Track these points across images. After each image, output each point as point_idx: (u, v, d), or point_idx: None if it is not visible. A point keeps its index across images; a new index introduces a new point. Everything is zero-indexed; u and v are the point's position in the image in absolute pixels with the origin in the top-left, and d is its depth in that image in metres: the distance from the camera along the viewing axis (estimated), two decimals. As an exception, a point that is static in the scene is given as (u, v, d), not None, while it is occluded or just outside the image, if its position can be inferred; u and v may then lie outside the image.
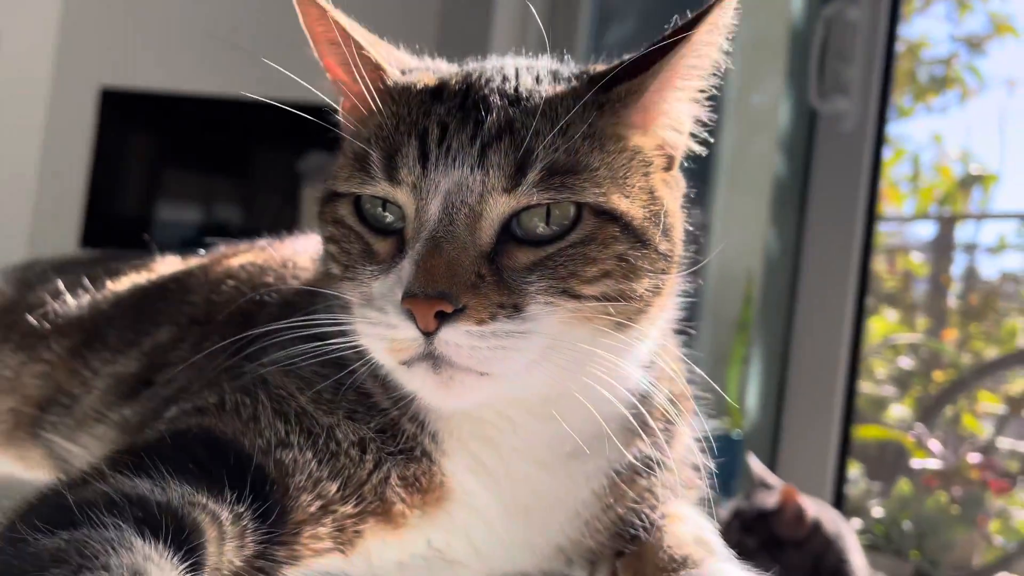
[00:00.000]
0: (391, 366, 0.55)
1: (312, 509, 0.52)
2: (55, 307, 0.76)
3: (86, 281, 0.77)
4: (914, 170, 4.05)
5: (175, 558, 0.42)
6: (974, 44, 4.12)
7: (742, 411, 2.44)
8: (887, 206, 4.06)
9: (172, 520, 0.45)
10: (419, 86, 0.60)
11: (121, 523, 0.43)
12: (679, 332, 0.63)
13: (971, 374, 3.36)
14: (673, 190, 0.61)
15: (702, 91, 0.61)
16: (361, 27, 0.65)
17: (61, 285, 0.76)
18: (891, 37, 2.28)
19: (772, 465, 2.34)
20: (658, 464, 0.61)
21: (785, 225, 2.50)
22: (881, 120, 2.29)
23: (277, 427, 0.53)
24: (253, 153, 4.16)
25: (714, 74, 0.60)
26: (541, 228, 0.55)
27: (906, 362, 3.65)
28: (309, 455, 0.53)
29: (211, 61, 3.82)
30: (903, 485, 3.07)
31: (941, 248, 4.09)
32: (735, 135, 2.49)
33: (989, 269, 4.14)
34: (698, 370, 0.60)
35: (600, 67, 0.61)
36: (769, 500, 1.40)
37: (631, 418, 0.59)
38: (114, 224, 4.00)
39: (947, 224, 4.08)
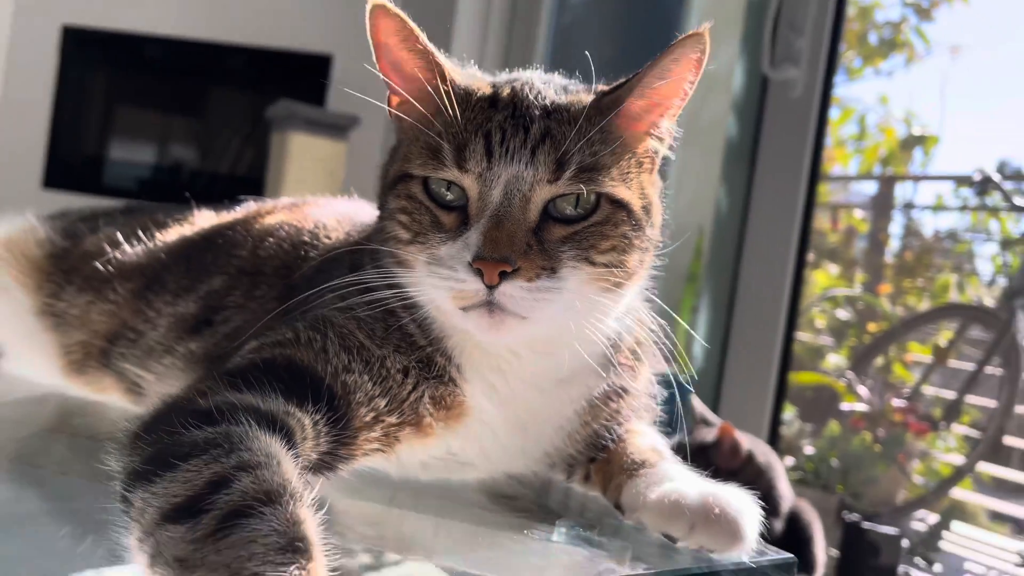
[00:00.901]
0: (450, 311, 0.67)
1: (367, 419, 0.66)
2: (117, 254, 0.87)
3: (139, 232, 0.89)
4: (860, 129, 4.23)
5: (283, 447, 0.56)
6: (923, 10, 4.28)
7: (690, 357, 2.60)
8: (834, 165, 4.24)
9: (275, 423, 0.58)
10: (478, 94, 0.73)
11: (245, 421, 0.56)
12: (646, 299, 0.77)
13: (902, 326, 3.57)
14: (655, 187, 0.75)
15: (676, 112, 0.75)
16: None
17: (119, 235, 0.88)
18: (840, 9, 2.42)
19: (715, 406, 2.52)
20: (624, 391, 0.76)
21: (735, 183, 2.65)
22: (827, 88, 2.44)
23: (342, 357, 0.66)
24: (213, 95, 4.15)
25: (683, 99, 0.74)
26: (570, 210, 0.69)
27: (844, 314, 3.86)
28: (366, 378, 0.66)
29: (175, 2, 3.81)
30: (833, 426, 3.28)
31: (881, 206, 4.29)
32: (691, 99, 2.62)
33: (925, 227, 4.37)
34: (656, 324, 0.74)
35: (605, 87, 0.75)
36: (709, 435, 1.56)
37: (607, 355, 0.75)
38: (74, 163, 3.99)
39: (888, 183, 4.27)
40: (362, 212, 0.91)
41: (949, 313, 3.73)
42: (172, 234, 0.88)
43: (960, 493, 3.71)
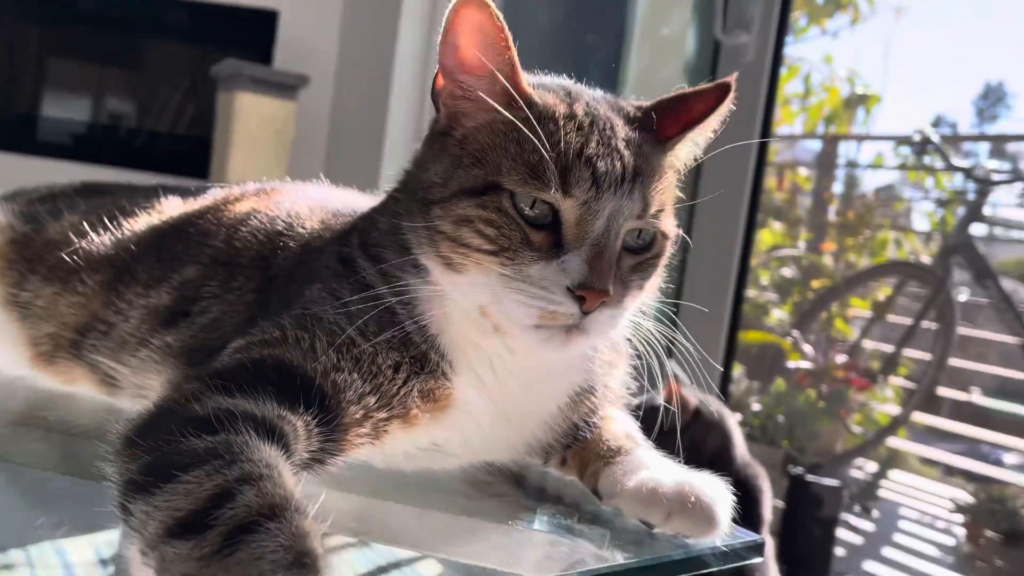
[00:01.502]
0: (523, 325, 0.68)
1: (357, 416, 0.66)
2: (84, 244, 0.84)
3: (105, 220, 0.86)
4: (805, 88, 4.29)
5: (281, 455, 0.56)
6: (869, -31, 4.33)
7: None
8: (780, 124, 4.30)
9: (271, 430, 0.58)
10: (559, 110, 0.72)
11: (244, 430, 0.56)
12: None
13: (844, 283, 3.68)
14: (673, 218, 0.78)
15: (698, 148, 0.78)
16: None
17: (86, 225, 0.86)
18: (791, -27, 2.44)
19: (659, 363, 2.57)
20: (604, 387, 0.79)
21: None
22: (778, 53, 2.47)
23: (331, 356, 0.66)
24: (151, 49, 4.01)
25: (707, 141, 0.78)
26: (636, 243, 0.72)
27: (789, 271, 3.96)
28: (356, 376, 0.66)
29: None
30: (779, 383, 3.39)
31: (825, 165, 4.38)
32: (643, 62, 2.64)
33: (867, 186, 4.48)
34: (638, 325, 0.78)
35: (656, 119, 0.76)
36: (658, 398, 1.60)
37: (591, 354, 0.78)
38: (5, 121, 3.84)
39: (831, 142, 4.36)
40: (333, 198, 0.90)
41: (888, 270, 3.85)
42: (140, 223, 0.86)
43: (896, 442, 3.87)
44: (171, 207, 0.89)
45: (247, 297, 0.76)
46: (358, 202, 0.88)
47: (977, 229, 3.62)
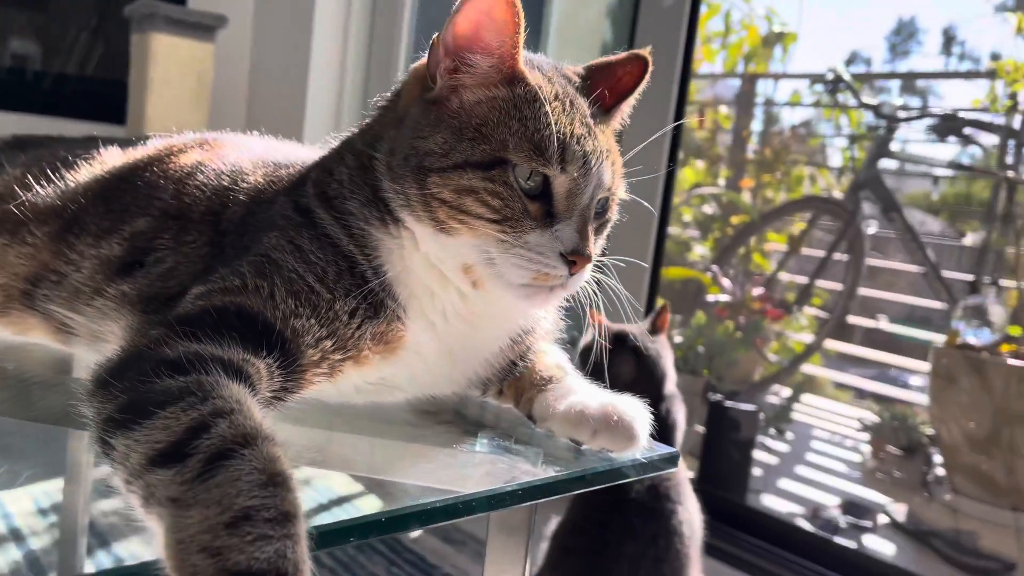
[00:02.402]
0: (513, 284, 0.75)
1: (315, 358, 0.70)
2: (30, 196, 0.86)
3: (47, 172, 0.87)
4: (725, 26, 4.36)
5: (248, 392, 0.61)
6: (785, -93, 4.38)
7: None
8: (701, 63, 4.38)
9: (237, 370, 0.62)
10: (546, 91, 0.77)
11: (213, 370, 0.60)
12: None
13: (761, 219, 3.82)
14: None
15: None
16: None
17: (30, 178, 0.86)
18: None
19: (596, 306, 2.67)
20: (538, 327, 0.86)
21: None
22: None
23: (289, 303, 0.70)
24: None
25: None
26: (600, 208, 0.80)
27: (709, 208, 4.09)
28: (313, 321, 0.71)
29: None
30: (699, 316, 3.53)
31: (744, 104, 4.50)
32: (565, 5, 2.68)
33: (784, 124, 4.61)
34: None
35: (612, 101, 0.84)
36: (587, 335, 1.69)
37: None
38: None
39: (750, 81, 4.47)
40: (275, 151, 0.93)
41: (803, 205, 4.01)
42: (83, 174, 0.88)
43: (809, 368, 4.09)
44: (112, 158, 0.91)
45: (201, 250, 0.79)
46: (299, 153, 0.91)
47: (885, 164, 3.80)
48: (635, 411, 0.77)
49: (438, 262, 0.78)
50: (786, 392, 3.86)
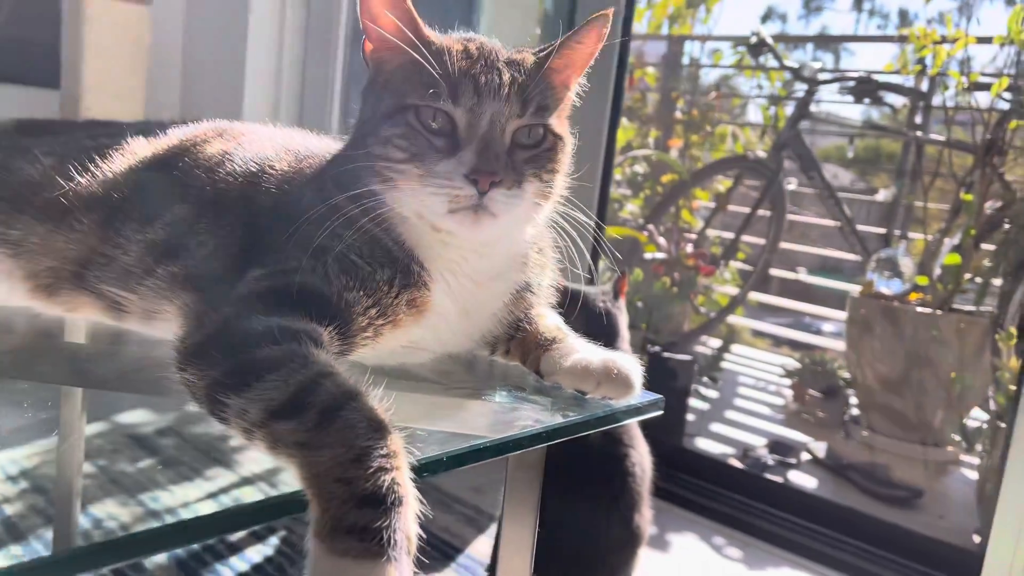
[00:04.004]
0: (440, 213, 0.82)
1: (363, 324, 0.80)
2: (73, 186, 0.91)
3: (86, 162, 0.93)
4: (651, -16, 4.47)
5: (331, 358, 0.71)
6: None
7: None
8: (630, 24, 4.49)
9: (313, 339, 0.72)
10: (455, 48, 0.87)
11: (302, 340, 0.70)
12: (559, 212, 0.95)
13: (690, 177, 3.99)
14: (568, 127, 0.92)
15: (584, 70, 0.91)
16: None
17: (72, 168, 0.92)
18: None
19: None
20: (536, 285, 0.97)
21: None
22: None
23: (341, 279, 0.80)
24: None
25: (590, 60, 0.91)
26: (528, 140, 0.86)
27: (640, 168, 4.24)
28: (361, 293, 0.80)
29: None
30: (638, 273, 3.70)
31: (671, 65, 4.64)
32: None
33: (708, 84, 4.78)
34: (561, 232, 0.94)
35: (538, 49, 0.91)
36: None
37: (525, 257, 0.95)
38: None
39: (677, 42, 4.61)
40: (292, 140, 1.01)
41: (729, 164, 4.20)
42: (118, 164, 0.94)
43: (736, 319, 4.33)
44: (141, 148, 0.98)
45: (237, 231, 0.87)
46: (313, 143, 1.00)
47: (805, 124, 4.01)
48: (631, 364, 0.89)
49: (419, 218, 0.87)
50: (714, 342, 4.09)
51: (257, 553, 2.04)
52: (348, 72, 3.17)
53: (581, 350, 0.92)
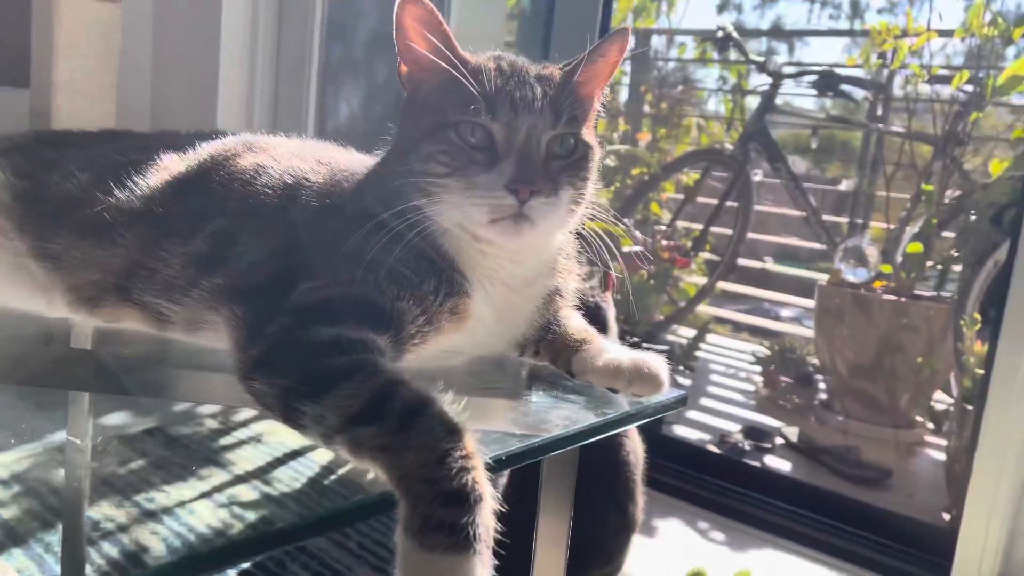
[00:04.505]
0: (481, 223, 0.87)
1: (412, 332, 0.84)
2: (112, 201, 0.94)
3: (122, 177, 0.95)
4: (616, -20, 4.53)
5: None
6: None
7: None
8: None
9: (374, 348, 0.76)
10: (488, 65, 0.91)
11: (369, 350, 0.75)
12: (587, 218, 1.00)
13: (661, 170, 4.07)
14: (595, 136, 0.97)
15: (607, 83, 0.96)
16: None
17: (111, 184, 0.94)
18: None
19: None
20: (564, 289, 1.02)
21: (531, 48, 2.89)
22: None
23: (392, 289, 0.84)
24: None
25: (612, 73, 0.96)
26: (560, 149, 0.90)
27: (610, 162, 4.30)
28: (411, 303, 0.84)
29: None
30: (616, 268, 3.76)
31: (638, 59, 4.71)
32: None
33: (675, 78, 4.87)
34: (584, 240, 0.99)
35: (565, 64, 0.95)
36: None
37: (554, 263, 1.00)
38: None
39: (643, 36, 4.68)
40: (323, 153, 1.04)
41: (699, 157, 4.29)
42: (155, 180, 0.97)
43: (706, 308, 4.43)
44: (174, 164, 1.00)
45: (278, 244, 0.90)
46: (343, 157, 1.04)
47: (770, 117, 4.10)
48: (659, 363, 0.95)
49: (461, 229, 0.91)
50: (683, 331, 4.17)
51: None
52: (323, 69, 3.17)
53: (611, 350, 0.97)
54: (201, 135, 1.15)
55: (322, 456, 1.71)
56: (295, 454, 1.68)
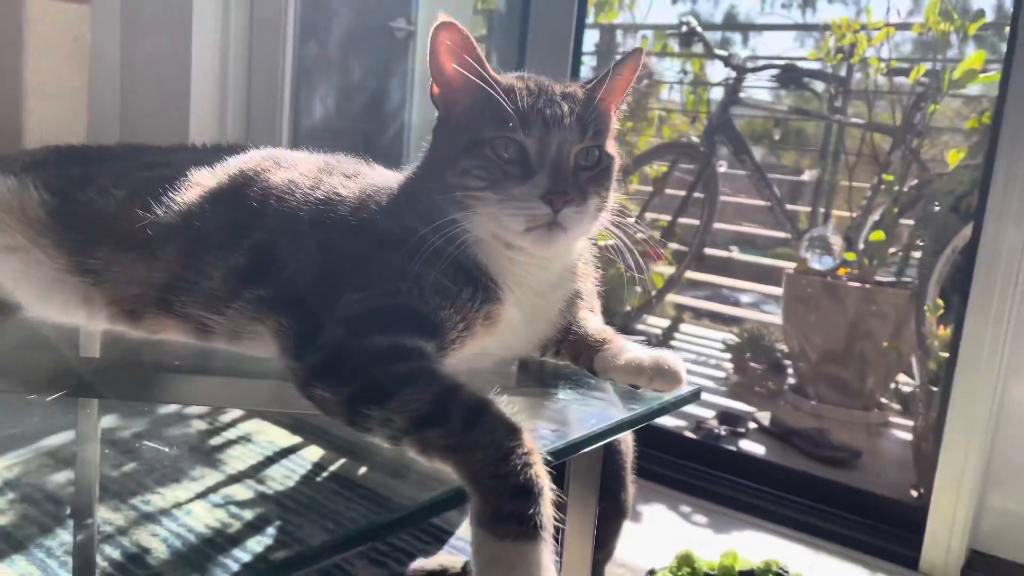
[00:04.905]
0: (518, 232, 0.92)
1: (453, 337, 0.89)
2: (152, 218, 0.96)
3: (160, 192, 0.98)
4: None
5: None
6: None
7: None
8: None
9: (426, 355, 0.82)
10: (519, 86, 0.96)
11: (425, 356, 0.80)
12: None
13: (631, 163, 4.14)
14: (615, 147, 1.02)
15: (624, 97, 1.02)
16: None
17: (151, 202, 0.96)
18: None
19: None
20: (584, 291, 1.08)
21: (505, 52, 2.94)
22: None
23: (435, 299, 0.88)
24: None
25: (628, 88, 1.01)
26: (586, 161, 0.96)
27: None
28: (452, 311, 0.89)
29: None
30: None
31: (603, 54, 4.78)
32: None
33: (640, 73, 4.94)
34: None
35: (586, 81, 1.01)
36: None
37: (575, 267, 1.06)
38: None
39: (608, 31, 4.75)
40: (348, 168, 1.08)
41: (668, 149, 4.38)
42: (189, 195, 0.99)
43: (672, 297, 4.52)
44: (205, 179, 1.03)
45: (314, 256, 0.94)
46: (362, 170, 1.09)
47: (733, 110, 4.20)
48: (678, 360, 1.01)
49: (494, 239, 0.96)
50: (652, 321, 4.27)
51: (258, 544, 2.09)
52: (297, 69, 3.18)
53: (631, 349, 1.03)
54: (222, 148, 1.18)
55: (313, 454, 1.75)
56: (286, 452, 1.71)
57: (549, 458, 0.72)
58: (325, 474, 1.73)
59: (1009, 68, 2.11)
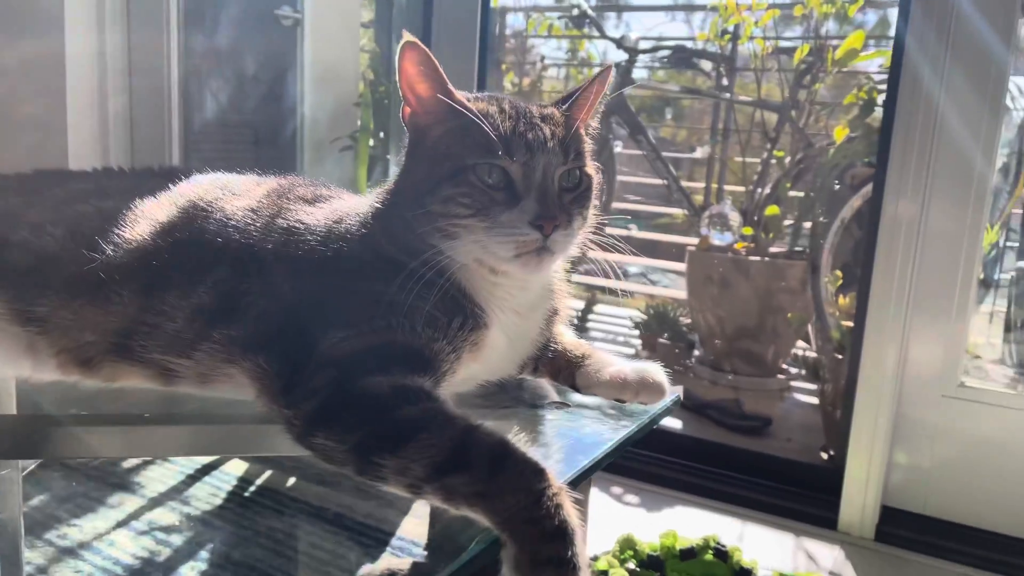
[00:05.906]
0: (507, 258, 0.90)
1: (445, 368, 0.86)
2: (101, 259, 0.89)
3: (104, 229, 0.91)
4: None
5: None
6: None
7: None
8: None
9: (431, 394, 0.77)
10: (492, 108, 0.93)
11: (431, 398, 0.75)
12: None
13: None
14: (593, 165, 1.01)
15: (592, 115, 1.01)
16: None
17: (96, 240, 0.89)
18: None
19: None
20: (561, 308, 1.07)
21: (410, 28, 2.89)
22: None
23: (426, 331, 0.85)
24: None
25: (596, 105, 1.01)
26: (568, 182, 0.94)
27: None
28: (444, 341, 0.87)
29: None
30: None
31: (500, 38, 4.76)
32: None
33: (534, 55, 4.95)
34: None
35: (560, 102, 0.99)
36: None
37: (553, 285, 1.05)
38: None
39: (501, 14, 4.73)
40: (306, 191, 1.03)
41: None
42: (139, 230, 0.91)
43: (577, 277, 4.58)
44: (154, 211, 0.96)
45: (284, 288, 0.90)
46: (325, 194, 1.05)
47: (627, 91, 4.27)
48: (660, 372, 1.02)
49: (478, 265, 0.94)
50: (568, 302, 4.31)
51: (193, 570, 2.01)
52: (185, 65, 3.01)
53: (613, 363, 1.03)
54: (156, 173, 1.11)
55: (236, 468, 1.68)
56: (207, 469, 1.64)
57: (576, 495, 0.72)
58: (253, 488, 1.67)
59: (901, 47, 2.21)
